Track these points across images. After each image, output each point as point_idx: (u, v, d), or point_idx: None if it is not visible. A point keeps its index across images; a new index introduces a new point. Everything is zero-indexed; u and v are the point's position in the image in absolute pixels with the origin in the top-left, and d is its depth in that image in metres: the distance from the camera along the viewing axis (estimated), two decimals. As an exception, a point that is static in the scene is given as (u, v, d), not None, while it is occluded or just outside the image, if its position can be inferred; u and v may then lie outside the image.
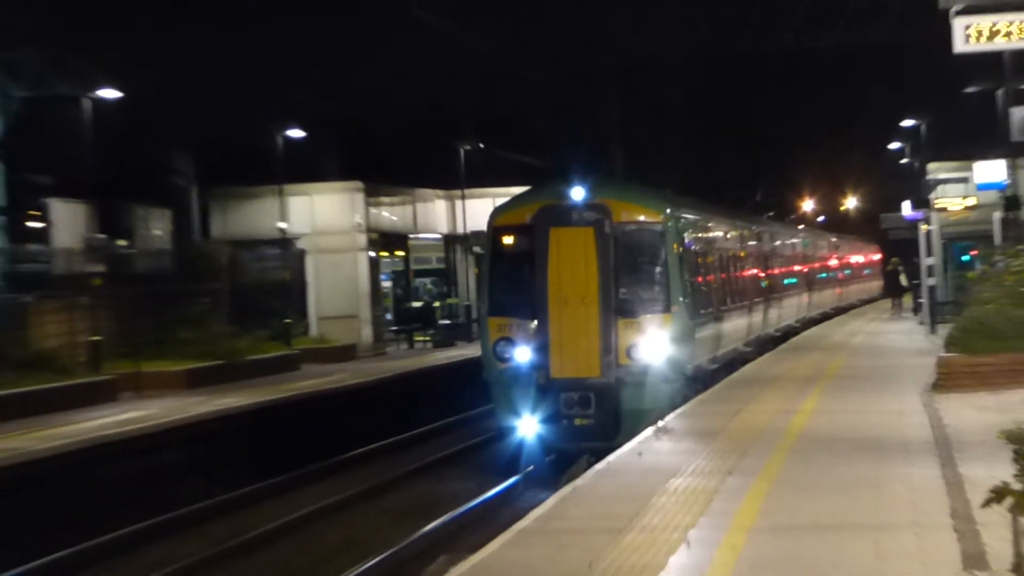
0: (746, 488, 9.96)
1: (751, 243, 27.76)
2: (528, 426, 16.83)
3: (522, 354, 17.09)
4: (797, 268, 35.79)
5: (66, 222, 27.74)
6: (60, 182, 28.56)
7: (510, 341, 17.34)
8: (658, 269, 17.55)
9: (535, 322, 17.13)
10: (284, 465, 19.57)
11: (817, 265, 41.81)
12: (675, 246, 17.74)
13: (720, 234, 23.84)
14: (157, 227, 31.75)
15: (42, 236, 29.16)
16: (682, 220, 18.93)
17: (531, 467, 16.65)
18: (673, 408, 16.09)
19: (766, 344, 27.40)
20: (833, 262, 47.44)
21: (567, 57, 37.88)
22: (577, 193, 17.22)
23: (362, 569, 12.43)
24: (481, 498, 15.83)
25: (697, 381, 18.92)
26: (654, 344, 17.00)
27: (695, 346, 18.67)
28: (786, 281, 33.26)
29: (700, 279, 19.81)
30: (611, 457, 13.00)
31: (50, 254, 28.32)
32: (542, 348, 16.96)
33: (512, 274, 17.93)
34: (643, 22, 34.98)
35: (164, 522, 15.93)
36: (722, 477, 10.53)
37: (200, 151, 33.94)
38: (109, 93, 26.72)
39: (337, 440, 21.81)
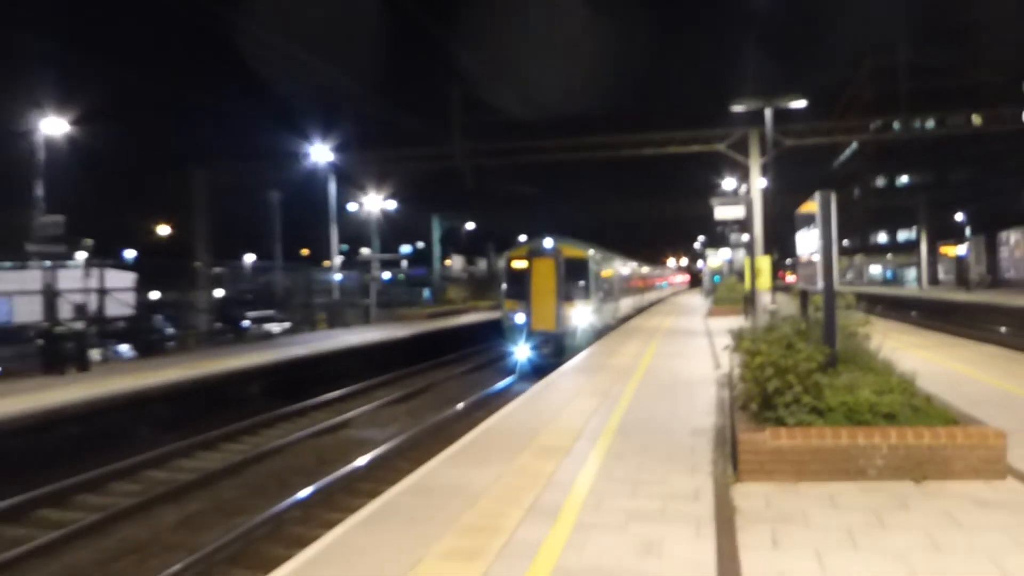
0: (651, 342, 16.65)
1: (633, 269, 34.74)
2: (521, 352, 21.10)
3: (520, 318, 21.12)
4: (657, 279, 49.80)
5: (456, 262, 55.82)
6: (455, 248, 57.12)
7: (515, 311, 21.30)
8: (584, 279, 21.51)
9: (526, 302, 21.23)
10: (488, 342, 27.12)
11: (666, 279, 61.08)
12: (593, 268, 21.74)
13: (617, 265, 28.46)
14: (481, 263, 59.34)
15: (451, 266, 54.92)
16: (598, 257, 22.70)
17: (522, 370, 20.78)
18: (590, 345, 19.48)
19: (644, 309, 35.98)
20: (673, 277, 73.08)
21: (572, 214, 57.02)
22: (547, 243, 21.61)
23: (486, 392, 18.47)
24: (511, 377, 20.68)
25: (608, 329, 23.18)
26: (581, 315, 21.23)
27: (602, 316, 23.17)
28: (654, 284, 45.34)
29: (607, 284, 23.73)
30: (596, 343, 18.54)
31: (452, 271, 52.88)
32: (529, 315, 21.04)
33: (517, 280, 21.71)
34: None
35: (473, 350, 25.48)
36: (643, 342, 16.70)
37: (497, 242, 55.64)
38: (469, 224, 60.10)
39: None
